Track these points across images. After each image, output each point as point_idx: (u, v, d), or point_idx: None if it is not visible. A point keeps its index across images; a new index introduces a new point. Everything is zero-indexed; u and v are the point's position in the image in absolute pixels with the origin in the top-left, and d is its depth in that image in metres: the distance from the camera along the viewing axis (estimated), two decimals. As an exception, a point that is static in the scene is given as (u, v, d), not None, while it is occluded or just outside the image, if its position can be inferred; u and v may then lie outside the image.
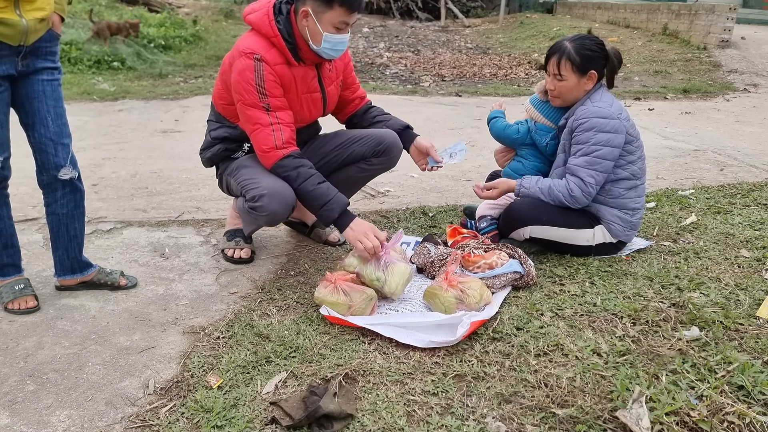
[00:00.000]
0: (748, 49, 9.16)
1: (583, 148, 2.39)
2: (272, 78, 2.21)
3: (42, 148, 2.05)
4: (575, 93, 2.46)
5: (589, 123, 2.37)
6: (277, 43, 2.22)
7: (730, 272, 2.38)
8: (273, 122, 2.23)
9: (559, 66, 2.41)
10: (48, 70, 2.04)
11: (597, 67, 2.42)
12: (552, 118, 2.65)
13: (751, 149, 4.59)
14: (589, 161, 2.38)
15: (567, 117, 2.50)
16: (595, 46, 2.42)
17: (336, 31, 2.19)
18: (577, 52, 2.39)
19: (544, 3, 15.76)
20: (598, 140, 2.36)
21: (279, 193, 2.25)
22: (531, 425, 1.54)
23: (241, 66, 2.20)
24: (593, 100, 2.44)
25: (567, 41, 2.43)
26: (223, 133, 2.47)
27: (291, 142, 2.27)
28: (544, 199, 2.45)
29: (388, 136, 2.62)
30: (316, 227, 2.82)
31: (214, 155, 2.51)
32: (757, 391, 1.61)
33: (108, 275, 2.32)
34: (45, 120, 2.03)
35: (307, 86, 2.35)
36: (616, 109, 2.41)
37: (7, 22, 1.83)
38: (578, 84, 2.43)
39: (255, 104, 2.22)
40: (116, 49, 8.16)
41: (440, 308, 2.05)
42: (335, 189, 2.26)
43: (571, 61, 2.39)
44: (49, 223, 2.20)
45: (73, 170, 2.12)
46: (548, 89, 2.52)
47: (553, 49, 2.46)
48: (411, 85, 7.90)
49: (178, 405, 1.65)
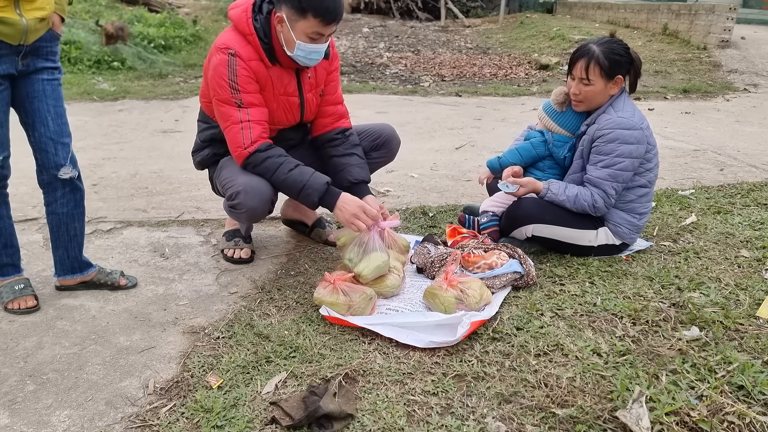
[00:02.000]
0: (748, 49, 9.17)
1: (605, 160, 2.36)
2: (246, 73, 2.19)
3: (42, 148, 2.06)
4: (600, 98, 2.42)
5: (613, 134, 2.34)
6: (252, 41, 2.20)
7: (730, 272, 2.38)
8: (243, 119, 2.21)
9: (588, 70, 2.36)
10: (48, 69, 2.04)
11: (623, 72, 2.39)
12: (570, 127, 2.58)
13: (751, 149, 4.59)
14: (611, 174, 2.36)
15: (588, 123, 2.46)
16: (622, 51, 2.38)
17: (310, 41, 2.14)
18: (606, 57, 2.34)
19: (544, 3, 15.76)
20: (621, 152, 2.34)
21: (254, 188, 2.23)
22: (531, 425, 1.54)
23: (216, 61, 2.19)
24: (616, 108, 2.40)
25: (594, 45, 2.38)
26: (210, 135, 2.46)
27: (260, 140, 2.24)
28: (569, 207, 2.44)
29: (385, 129, 2.61)
30: (316, 227, 2.82)
31: (203, 159, 2.52)
32: (757, 391, 1.61)
33: (108, 275, 2.32)
34: (45, 119, 2.03)
35: (284, 88, 2.31)
36: (638, 118, 2.39)
37: (7, 21, 1.83)
38: (605, 89, 2.39)
39: (227, 100, 2.20)
40: (116, 49, 8.16)
41: (440, 308, 2.05)
42: (310, 171, 2.22)
43: (600, 65, 2.34)
44: (49, 222, 2.20)
45: (73, 170, 2.13)
46: (572, 93, 2.46)
47: (580, 52, 2.40)
48: (411, 85, 7.90)
49: (178, 405, 1.65)
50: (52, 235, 2.22)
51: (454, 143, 4.74)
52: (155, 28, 9.53)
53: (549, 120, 2.62)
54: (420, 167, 4.05)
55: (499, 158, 2.73)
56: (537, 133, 2.68)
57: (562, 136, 2.62)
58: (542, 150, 2.64)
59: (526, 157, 2.67)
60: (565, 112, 2.57)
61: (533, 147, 2.65)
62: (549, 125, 2.63)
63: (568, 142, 2.61)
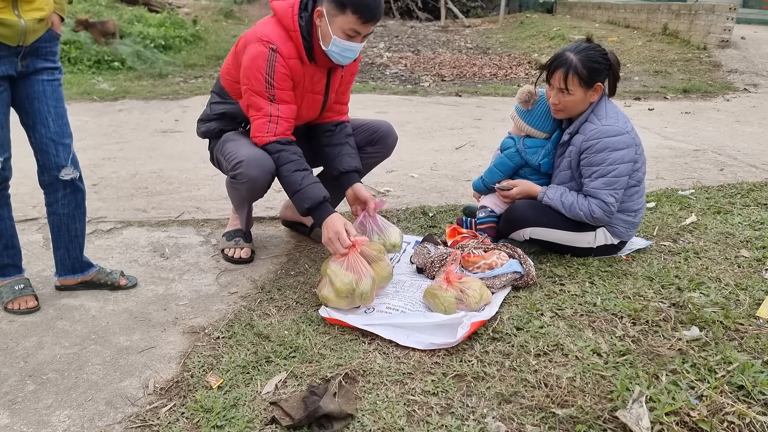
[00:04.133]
0: (748, 49, 9.16)
1: (599, 170, 2.35)
2: (283, 71, 2.21)
3: (43, 149, 2.06)
4: (581, 106, 2.41)
5: (601, 144, 2.33)
6: (294, 37, 2.21)
7: (730, 272, 2.38)
8: (273, 114, 2.23)
9: (566, 80, 2.33)
10: (48, 70, 2.04)
11: (602, 78, 2.38)
12: (540, 126, 2.56)
13: (751, 149, 4.59)
14: (607, 182, 2.35)
15: (571, 132, 2.44)
16: (600, 57, 2.36)
17: (346, 37, 2.15)
18: (584, 66, 2.32)
19: (544, 3, 15.76)
20: (614, 159, 2.33)
21: (257, 159, 2.24)
22: (531, 425, 1.55)
23: (255, 52, 2.19)
24: (599, 116, 2.39)
25: (571, 53, 2.34)
26: (223, 108, 2.47)
27: (284, 135, 2.27)
28: (565, 214, 2.43)
29: (383, 125, 2.61)
30: (315, 227, 2.82)
31: (208, 131, 2.52)
32: (757, 391, 1.61)
33: (108, 275, 2.32)
34: (46, 120, 2.03)
35: (313, 86, 2.34)
36: (623, 122, 2.38)
37: (5, 23, 1.83)
38: (584, 97, 2.38)
39: (261, 93, 2.22)
40: (116, 49, 8.16)
41: (440, 308, 2.05)
42: (312, 180, 2.24)
43: (578, 75, 2.32)
44: (50, 223, 2.20)
45: (75, 170, 2.13)
46: (552, 103, 2.43)
47: (558, 62, 2.36)
48: (411, 85, 7.89)
49: (178, 405, 1.65)
50: (53, 235, 2.22)
51: (454, 143, 4.74)
52: (155, 28, 9.52)
53: (520, 121, 2.61)
54: (420, 167, 4.05)
55: (482, 179, 2.74)
56: (510, 142, 2.66)
57: (534, 140, 2.60)
58: (518, 159, 2.63)
59: (505, 171, 2.67)
60: (532, 110, 2.56)
61: (509, 159, 2.65)
62: (521, 126, 2.62)
63: (541, 146, 2.58)
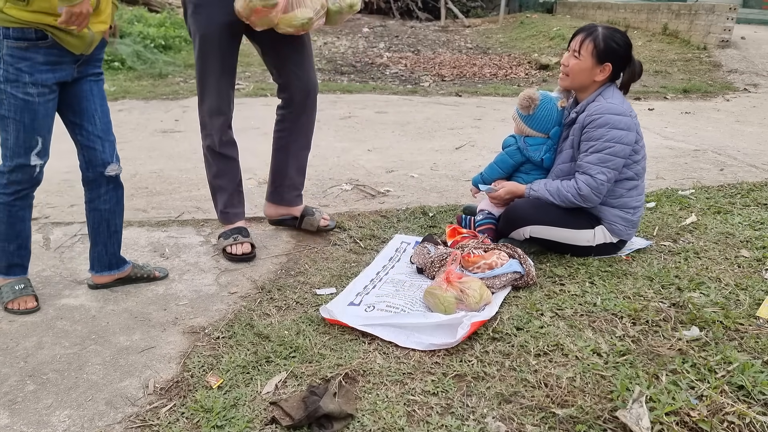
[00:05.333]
0: (748, 49, 9.16)
1: (595, 145, 2.37)
2: None
3: (90, 146, 2.12)
4: (583, 78, 2.43)
5: (603, 119, 2.36)
6: None
7: (730, 272, 2.38)
8: None
9: (582, 43, 2.39)
10: (95, 73, 2.13)
11: (614, 62, 2.40)
12: (540, 128, 2.59)
13: (751, 149, 4.59)
14: (601, 158, 2.36)
15: (578, 111, 2.47)
16: (622, 42, 2.40)
17: None
18: (603, 39, 2.37)
19: (544, 3, 15.75)
20: (612, 137, 2.35)
21: None
22: (531, 425, 1.55)
23: None
24: (605, 96, 2.43)
25: (600, 26, 2.43)
26: None
27: None
28: (554, 201, 2.44)
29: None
30: (305, 216, 2.83)
31: None
32: (757, 391, 1.61)
33: (143, 269, 2.38)
34: (93, 118, 2.11)
35: None
36: (627, 107, 2.42)
37: (79, 34, 1.91)
38: (591, 70, 2.40)
39: None
40: (116, 49, 8.15)
41: (440, 308, 2.05)
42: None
43: (594, 44, 2.37)
44: (89, 219, 2.24)
45: (119, 167, 2.20)
46: (562, 64, 2.49)
47: (583, 28, 2.45)
48: (411, 85, 7.89)
49: (178, 405, 1.65)
50: (91, 231, 2.26)
51: (454, 143, 4.74)
52: (155, 28, 9.51)
53: (521, 122, 2.64)
54: (420, 167, 4.05)
55: (481, 175, 2.77)
56: (511, 140, 2.70)
57: (536, 138, 2.63)
58: (519, 157, 2.66)
59: (505, 168, 2.70)
60: (533, 115, 2.59)
61: (510, 156, 2.67)
62: (521, 127, 2.65)
63: (543, 143, 2.62)
